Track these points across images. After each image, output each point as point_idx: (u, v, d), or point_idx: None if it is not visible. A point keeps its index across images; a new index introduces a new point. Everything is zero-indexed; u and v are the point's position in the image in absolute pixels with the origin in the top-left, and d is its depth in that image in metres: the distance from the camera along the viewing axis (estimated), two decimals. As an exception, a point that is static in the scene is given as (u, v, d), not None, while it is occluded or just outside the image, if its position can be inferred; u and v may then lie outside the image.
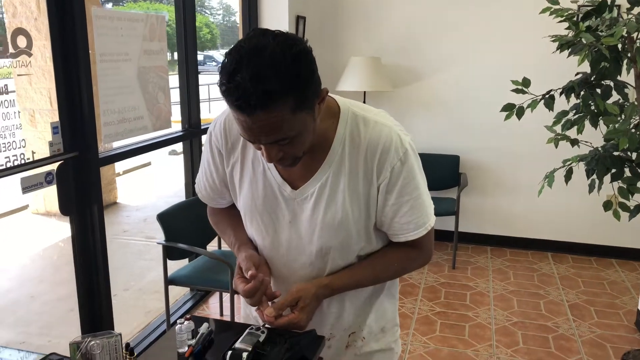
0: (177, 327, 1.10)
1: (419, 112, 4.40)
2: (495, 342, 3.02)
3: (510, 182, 4.32)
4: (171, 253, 2.81)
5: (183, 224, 2.89)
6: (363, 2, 4.32)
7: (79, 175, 2.27)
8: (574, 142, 2.64)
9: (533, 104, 2.63)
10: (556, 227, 4.31)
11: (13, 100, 2.02)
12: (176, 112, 3.50)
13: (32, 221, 5.81)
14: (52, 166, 2.17)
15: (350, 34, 4.41)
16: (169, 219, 2.81)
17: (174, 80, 3.29)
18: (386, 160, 1.10)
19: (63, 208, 2.28)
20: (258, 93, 0.90)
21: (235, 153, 1.20)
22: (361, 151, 1.11)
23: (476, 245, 4.48)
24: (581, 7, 2.70)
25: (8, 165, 2.00)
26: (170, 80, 2.92)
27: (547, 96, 2.65)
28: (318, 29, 4.24)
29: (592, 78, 2.58)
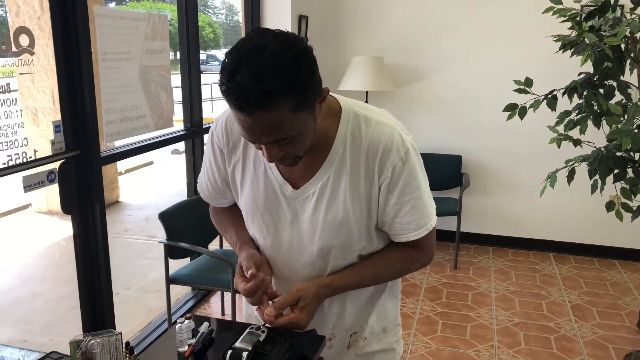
0: (178, 326, 1.10)
1: (422, 112, 4.39)
2: (496, 343, 3.01)
3: (512, 182, 4.31)
4: (173, 252, 2.82)
5: (185, 223, 2.89)
6: (366, 2, 4.31)
7: (81, 174, 2.28)
8: (577, 143, 2.64)
9: (535, 104, 2.62)
10: (558, 228, 4.31)
11: (15, 98, 2.02)
12: (178, 111, 3.51)
13: (35, 220, 5.82)
14: (54, 165, 2.18)
15: (352, 34, 4.41)
16: (171, 218, 2.82)
17: (176, 79, 3.30)
18: (387, 159, 1.10)
19: (65, 207, 2.28)
20: (258, 93, 0.90)
21: (236, 152, 1.20)
22: (362, 151, 1.11)
23: (478, 245, 4.48)
24: (584, 7, 2.69)
25: (10, 163, 2.01)
26: (172, 79, 2.92)
27: (550, 96, 2.65)
28: (320, 29, 4.24)
29: (595, 78, 2.58)
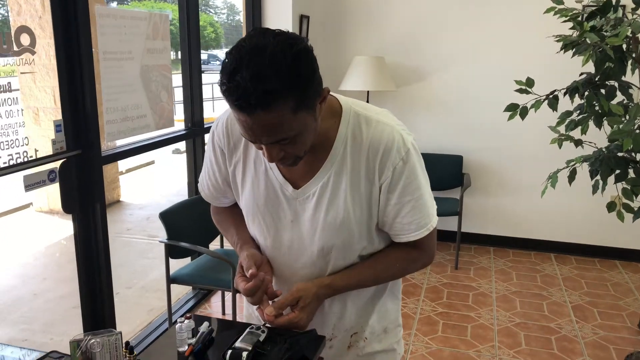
0: (178, 326, 1.10)
1: (423, 112, 4.39)
2: (497, 343, 3.01)
3: (513, 183, 4.31)
4: (173, 251, 2.82)
5: (185, 223, 2.89)
6: (367, 2, 4.31)
7: (82, 173, 2.28)
8: (578, 143, 2.63)
9: (537, 104, 2.62)
10: (559, 228, 4.30)
11: (16, 98, 2.02)
12: (179, 111, 3.51)
13: (36, 219, 5.83)
14: (55, 164, 2.18)
15: (354, 34, 4.40)
16: (172, 218, 2.82)
17: (178, 79, 3.30)
18: (388, 159, 1.10)
19: (66, 206, 2.28)
20: (258, 93, 0.90)
21: (237, 152, 1.20)
22: (363, 150, 1.11)
23: (479, 245, 4.47)
24: (586, 7, 2.69)
25: (11, 162, 2.01)
26: (173, 79, 2.92)
27: (551, 96, 2.64)
28: (322, 29, 4.24)
29: (597, 78, 2.57)
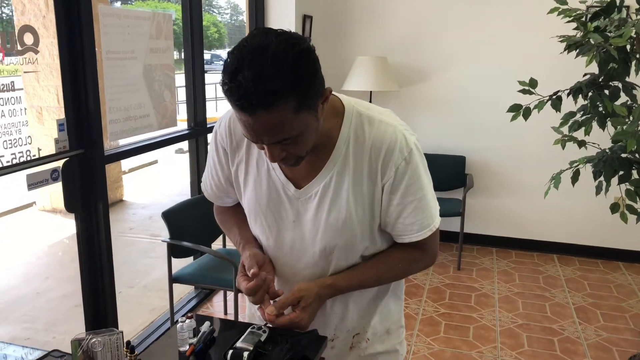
0: (179, 326, 1.10)
1: (425, 112, 4.38)
2: (499, 344, 3.00)
3: (516, 184, 4.30)
4: (176, 251, 2.82)
5: (188, 222, 2.89)
6: (370, 2, 4.31)
7: (85, 172, 2.28)
8: (581, 144, 2.62)
9: (540, 105, 2.61)
10: (562, 229, 4.29)
11: (19, 97, 2.02)
12: (182, 111, 3.51)
13: (39, 218, 5.84)
14: (58, 163, 2.18)
15: (356, 34, 4.40)
16: (174, 217, 2.82)
17: (181, 78, 3.30)
18: (391, 160, 1.09)
19: (68, 205, 2.28)
20: (260, 92, 0.89)
21: (240, 152, 1.19)
22: (365, 151, 1.10)
23: (481, 246, 4.46)
24: (590, 8, 2.67)
25: (14, 161, 2.01)
26: (176, 78, 2.92)
27: (555, 97, 2.63)
28: (325, 29, 4.23)
29: (600, 79, 2.56)
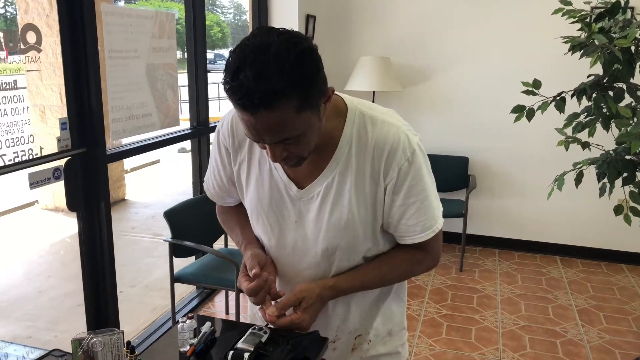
0: (179, 326, 1.09)
1: (428, 113, 4.37)
2: (501, 346, 2.99)
3: (519, 185, 4.28)
4: (178, 250, 2.82)
5: (190, 222, 2.89)
6: (373, 2, 4.30)
7: (87, 171, 2.28)
8: (585, 145, 2.61)
9: (543, 106, 2.60)
10: (565, 231, 4.27)
11: (22, 95, 2.03)
12: (185, 110, 3.51)
13: (42, 216, 5.85)
14: (60, 162, 2.18)
15: (360, 34, 4.39)
16: (176, 217, 2.81)
17: (184, 78, 3.30)
18: (393, 160, 1.09)
19: (70, 204, 2.28)
20: (261, 92, 0.89)
21: (242, 152, 1.19)
22: (368, 151, 1.10)
23: (484, 247, 4.45)
24: (594, 9, 2.66)
25: (16, 160, 2.01)
26: (179, 78, 2.92)
27: (558, 98, 2.62)
28: (328, 28, 4.23)
29: (605, 80, 2.55)
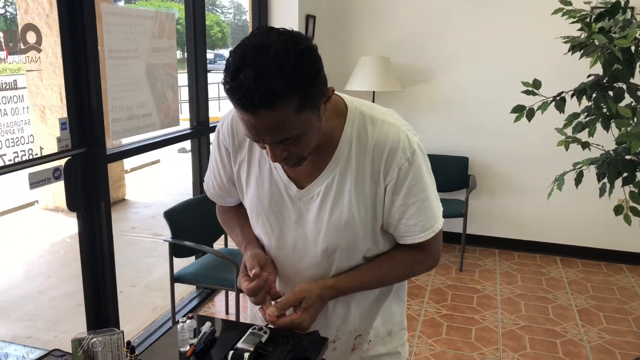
0: (179, 326, 1.09)
1: (428, 113, 4.37)
2: (501, 346, 2.99)
3: (519, 185, 4.28)
4: (178, 250, 2.82)
5: (190, 222, 2.89)
6: (373, 2, 4.30)
7: (87, 171, 2.28)
8: (585, 145, 2.61)
9: (543, 106, 2.59)
10: (565, 231, 4.27)
11: (22, 95, 2.02)
12: (185, 110, 3.51)
13: (42, 216, 5.85)
14: (60, 162, 2.18)
15: (360, 34, 4.39)
16: (176, 217, 2.81)
17: (184, 78, 3.30)
18: (393, 160, 1.09)
19: (70, 204, 2.28)
20: (261, 92, 0.89)
21: (242, 152, 1.19)
22: (368, 151, 1.10)
23: (484, 247, 4.45)
24: (594, 9, 2.66)
25: (16, 160, 2.01)
26: (179, 78, 2.92)
27: (558, 98, 2.62)
28: (328, 28, 4.23)
29: (605, 80, 2.55)
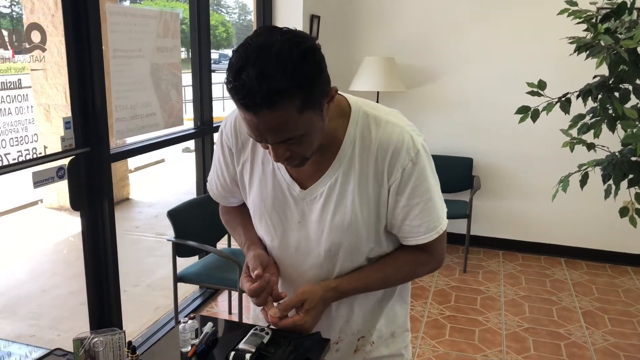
0: (181, 326, 1.09)
1: (433, 113, 4.36)
2: (505, 348, 2.98)
3: (524, 186, 4.27)
4: (181, 250, 2.82)
5: (194, 221, 2.89)
6: (378, 2, 4.29)
7: (90, 170, 2.28)
8: (590, 147, 2.59)
9: (549, 107, 2.58)
10: (570, 233, 4.25)
11: (26, 94, 2.03)
12: (189, 110, 3.51)
13: (46, 215, 5.87)
14: (64, 161, 2.18)
15: (364, 34, 4.39)
16: (180, 216, 2.82)
17: (188, 78, 3.30)
18: (397, 161, 1.08)
19: (74, 203, 2.29)
20: (264, 91, 0.88)
21: (245, 152, 1.19)
22: (372, 151, 1.09)
23: (488, 249, 4.44)
24: (600, 9, 2.65)
25: (20, 159, 2.01)
26: (183, 77, 2.92)
27: (563, 99, 2.61)
28: (332, 28, 4.23)
29: (611, 81, 2.53)
